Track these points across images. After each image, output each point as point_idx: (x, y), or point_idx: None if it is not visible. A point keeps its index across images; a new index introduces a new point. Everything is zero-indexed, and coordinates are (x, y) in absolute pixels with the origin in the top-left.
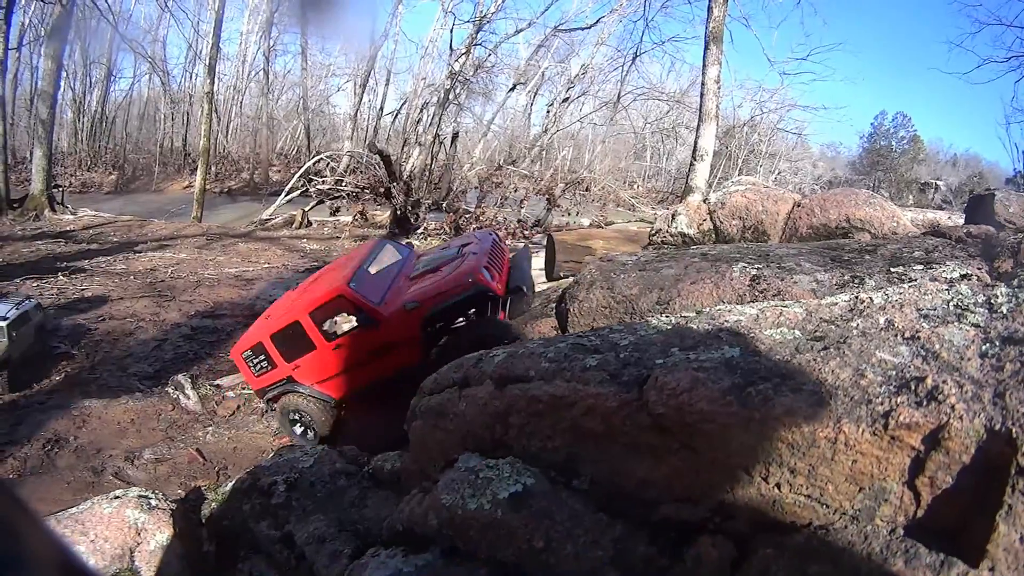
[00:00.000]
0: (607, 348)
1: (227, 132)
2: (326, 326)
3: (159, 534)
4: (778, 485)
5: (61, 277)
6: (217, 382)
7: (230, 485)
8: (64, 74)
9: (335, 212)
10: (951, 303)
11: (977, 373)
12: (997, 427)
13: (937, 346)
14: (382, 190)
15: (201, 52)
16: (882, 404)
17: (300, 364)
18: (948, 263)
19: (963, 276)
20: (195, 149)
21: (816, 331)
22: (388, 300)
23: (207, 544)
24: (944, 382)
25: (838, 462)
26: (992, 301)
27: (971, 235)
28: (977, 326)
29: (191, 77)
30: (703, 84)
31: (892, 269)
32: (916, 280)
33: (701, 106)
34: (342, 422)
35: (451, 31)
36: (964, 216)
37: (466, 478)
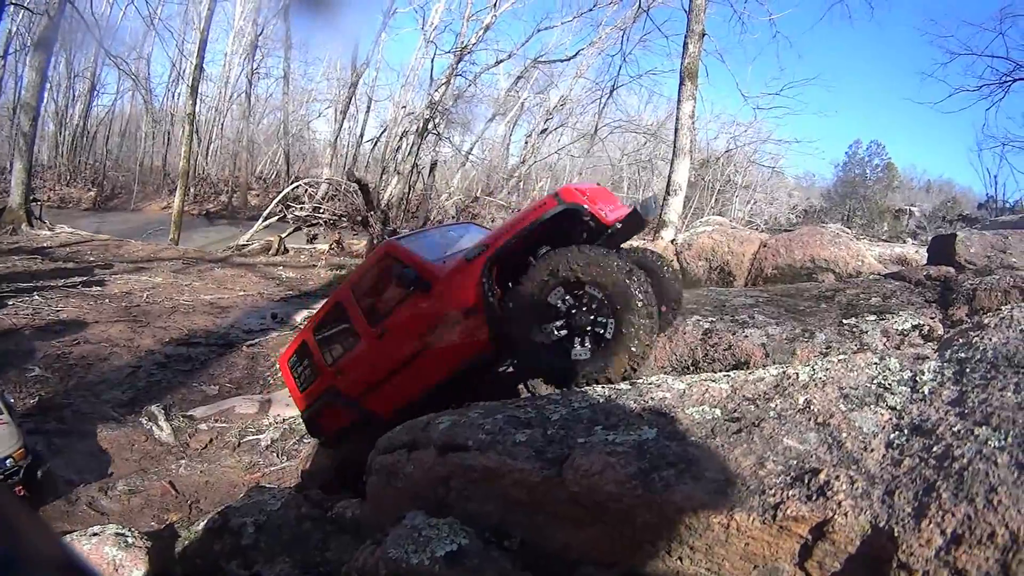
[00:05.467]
0: (538, 422)
1: (207, 154)
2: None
3: (135, 571)
4: (680, 559)
5: (36, 297)
6: (190, 412)
7: (203, 524)
8: (48, 86)
9: (312, 239)
10: (875, 381)
11: (875, 467)
12: (882, 525)
13: (844, 434)
14: (359, 219)
15: (184, 72)
16: (774, 496)
17: (342, 367)
18: (902, 313)
19: (914, 326)
20: (175, 169)
21: (735, 411)
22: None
23: None
24: (837, 477)
25: (732, 544)
26: (918, 378)
27: (930, 278)
28: (893, 409)
29: (174, 96)
30: (677, 119)
31: (844, 321)
32: (867, 331)
33: (675, 141)
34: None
35: (432, 60)
36: (927, 256)
37: (410, 535)
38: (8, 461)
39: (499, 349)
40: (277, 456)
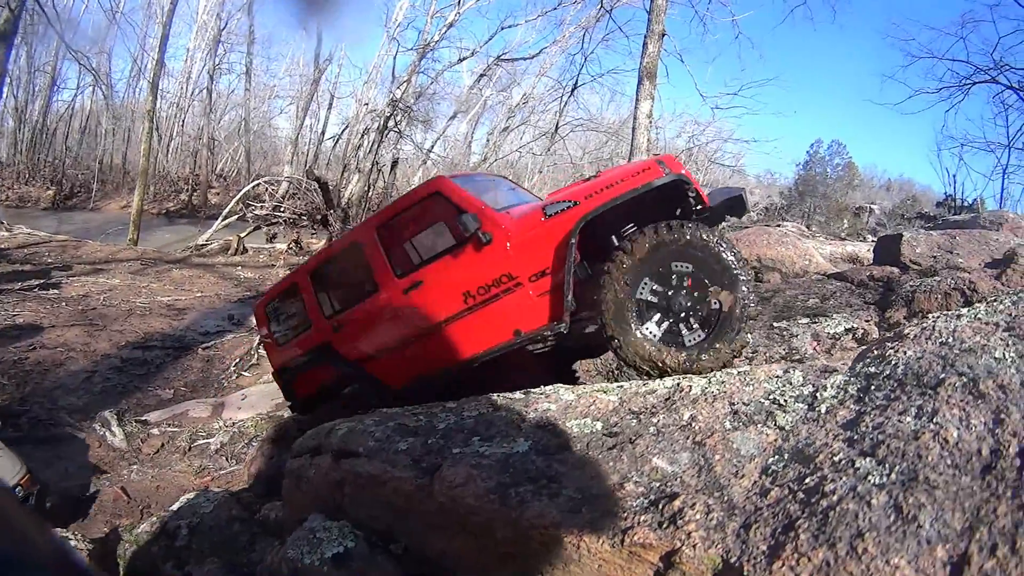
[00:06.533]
0: (424, 431)
1: (167, 151)
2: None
3: None
4: (541, 573)
5: None
6: (144, 417)
7: (143, 527)
8: (7, 80)
9: (272, 238)
10: (771, 396)
11: (740, 496)
12: (733, 561)
13: (718, 456)
14: (319, 217)
15: (145, 67)
16: (626, 520)
17: (346, 321)
18: (836, 315)
19: (847, 330)
20: (135, 167)
21: (616, 425)
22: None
23: None
24: (692, 505)
25: (586, 565)
26: (818, 395)
27: (873, 278)
28: (782, 429)
29: (135, 92)
30: (635, 119)
31: (775, 324)
32: (797, 335)
33: (632, 140)
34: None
35: (395, 58)
36: (873, 256)
37: (307, 536)
38: (17, 490)
39: (570, 324)
40: (226, 460)
